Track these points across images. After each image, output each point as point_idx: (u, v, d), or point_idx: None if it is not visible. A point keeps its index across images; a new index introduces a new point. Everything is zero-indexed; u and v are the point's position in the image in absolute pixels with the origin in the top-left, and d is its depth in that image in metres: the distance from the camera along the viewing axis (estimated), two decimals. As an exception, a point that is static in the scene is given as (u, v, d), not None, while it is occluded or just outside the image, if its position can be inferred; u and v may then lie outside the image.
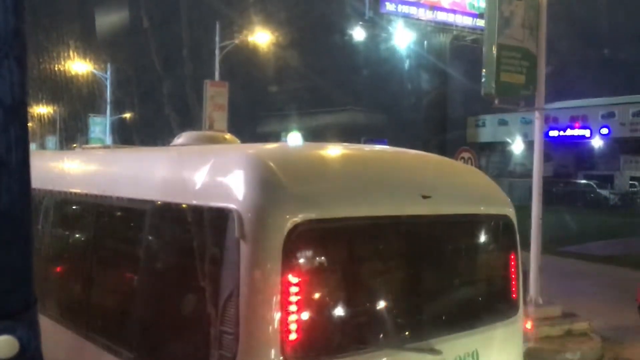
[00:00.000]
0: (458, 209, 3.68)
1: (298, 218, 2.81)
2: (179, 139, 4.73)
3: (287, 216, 2.81)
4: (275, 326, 2.74)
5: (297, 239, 2.77)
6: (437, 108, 32.00)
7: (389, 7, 32.37)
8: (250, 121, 44.88)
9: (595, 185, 35.83)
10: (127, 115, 35.97)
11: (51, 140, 43.25)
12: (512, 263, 4.05)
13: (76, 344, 3.94)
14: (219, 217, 2.93)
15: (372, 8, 31.45)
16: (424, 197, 3.35)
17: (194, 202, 3.20)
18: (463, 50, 35.94)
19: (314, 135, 34.56)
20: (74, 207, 4.68)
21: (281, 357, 2.74)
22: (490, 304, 4.00)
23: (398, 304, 3.34)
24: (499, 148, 38.44)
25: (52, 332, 3.88)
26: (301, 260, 2.81)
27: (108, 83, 30.38)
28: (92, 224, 4.23)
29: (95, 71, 29.93)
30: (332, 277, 3.04)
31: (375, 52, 34.21)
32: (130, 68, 36.38)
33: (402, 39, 32.70)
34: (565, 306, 9.30)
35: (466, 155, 10.36)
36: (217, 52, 19.72)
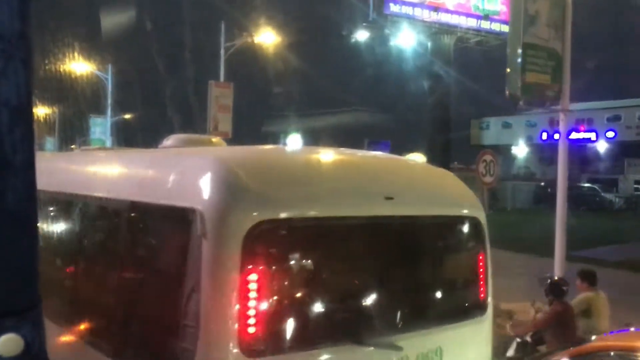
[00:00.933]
0: (423, 211, 3.80)
1: (258, 218, 2.91)
2: (168, 142, 4.84)
3: (248, 216, 2.91)
4: (234, 321, 2.85)
5: (257, 237, 2.87)
6: (441, 110, 31.71)
7: (393, 8, 32.06)
8: (255, 122, 44.65)
9: (599, 189, 35.53)
10: (129, 116, 35.58)
11: (50, 142, 42.80)
12: (481, 264, 4.11)
13: (53, 333, 3.95)
14: (184, 216, 3.06)
15: (376, 9, 31.15)
16: (387, 198, 3.44)
17: (163, 202, 3.35)
18: (468, 52, 35.72)
19: (318, 136, 34.27)
20: (58, 207, 4.79)
21: (239, 350, 2.84)
22: (456, 303, 4.10)
23: (359, 302, 3.42)
24: (503, 151, 38.13)
25: None
26: (260, 258, 2.90)
27: (109, 83, 30.01)
28: (73, 222, 4.45)
29: (96, 72, 29.56)
30: (291, 275, 3.12)
31: (379, 53, 33.95)
32: (133, 69, 36.05)
33: (406, 40, 32.42)
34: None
35: (488, 158, 10.08)
36: (222, 52, 19.40)
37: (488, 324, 4.18)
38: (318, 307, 3.21)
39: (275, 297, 2.97)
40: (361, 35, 32.79)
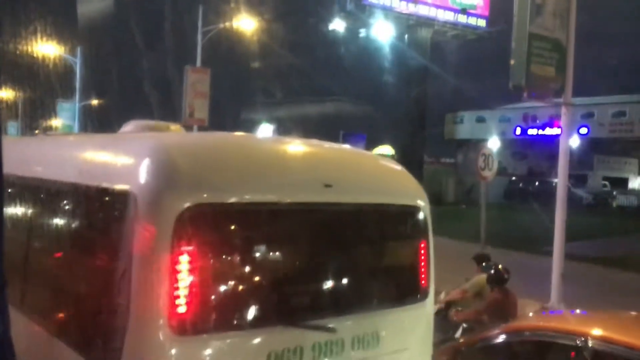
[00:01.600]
0: (363, 199, 3.84)
1: (190, 201, 2.98)
2: (125, 128, 4.90)
3: (180, 199, 2.97)
4: (165, 300, 2.94)
5: (190, 220, 2.95)
6: (417, 103, 31.57)
7: (371, -1, 31.61)
8: (234, 110, 43.85)
9: (569, 185, 35.93)
10: (97, 101, 34.42)
11: (13, 126, 41.33)
12: (422, 252, 4.17)
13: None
14: (120, 199, 3.19)
15: (354, -1, 30.76)
16: (326, 185, 3.52)
17: (102, 184, 3.45)
18: (444, 45, 35.65)
19: (295, 125, 33.72)
20: (11, 190, 4.81)
21: (169, 329, 2.94)
22: (395, 289, 4.13)
23: (293, 285, 3.49)
24: (476, 145, 38.22)
25: None
26: (192, 240, 2.96)
27: (78, 67, 28.94)
28: (23, 204, 4.53)
29: (65, 55, 28.46)
30: (223, 258, 3.21)
31: (357, 44, 33.60)
32: (104, 52, 34.85)
33: (383, 32, 32.13)
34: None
35: (487, 152, 10.04)
36: (199, 37, 18.74)
37: (428, 310, 4.25)
38: (250, 289, 3.27)
39: (206, 279, 3.04)
40: (338, 25, 32.37)
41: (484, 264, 7.45)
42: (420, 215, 4.15)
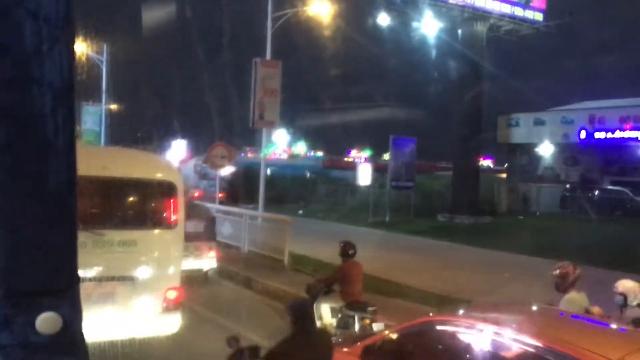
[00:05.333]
0: (128, 174, 7.43)
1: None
2: None
3: None
4: None
5: None
6: (473, 105, 28.87)
7: (422, -9, 28.81)
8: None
9: (629, 192, 33.07)
10: (122, 106, 31.87)
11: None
12: (172, 204, 7.49)
13: None
14: None
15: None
16: (104, 167, 6.91)
17: None
18: (497, 42, 32.97)
19: (346, 131, 31.00)
20: None
21: None
22: (152, 220, 7.58)
23: (89, 213, 6.85)
24: (532, 150, 35.37)
25: None
26: None
27: (104, 67, 26.27)
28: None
29: (91, 53, 25.81)
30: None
31: (408, 42, 30.88)
32: (131, 52, 32.19)
33: (434, 28, 29.46)
34: None
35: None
36: (269, 24, 16.00)
37: (176, 233, 7.54)
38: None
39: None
40: (385, 20, 29.63)
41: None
42: (171, 184, 7.50)
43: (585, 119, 29.30)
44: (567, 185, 34.92)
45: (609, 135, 28.31)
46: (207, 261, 12.88)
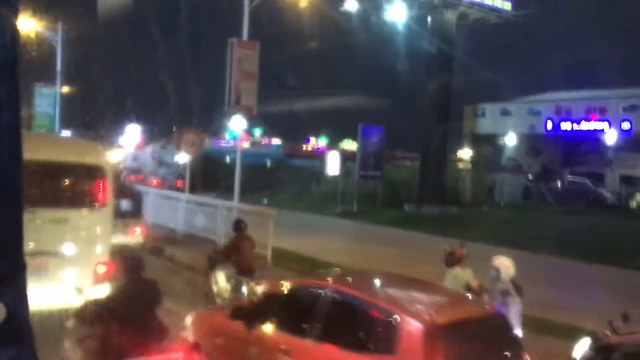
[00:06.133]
0: (62, 158, 8.19)
1: None
2: None
3: None
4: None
5: None
6: (441, 95, 28.56)
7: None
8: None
9: (590, 183, 33.48)
10: (76, 89, 30.25)
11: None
12: (101, 185, 8.23)
13: None
14: None
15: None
16: (37, 151, 7.29)
17: None
18: (465, 31, 32.69)
19: (313, 117, 30.25)
20: None
21: None
22: (82, 201, 8.27)
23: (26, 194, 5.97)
24: (498, 141, 35.32)
25: None
26: None
27: (59, 46, 24.76)
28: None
29: (45, 31, 24.22)
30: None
31: (377, 29, 30.26)
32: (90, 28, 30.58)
33: (402, 15, 28.97)
34: None
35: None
36: (246, 1, 14.97)
37: (104, 212, 8.28)
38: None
39: None
40: (352, 6, 28.96)
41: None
42: (99, 168, 8.28)
43: (551, 110, 29.42)
44: (530, 176, 35.18)
45: (575, 126, 28.47)
46: (134, 237, 13.87)
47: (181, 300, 9.38)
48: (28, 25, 24.75)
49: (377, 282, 6.62)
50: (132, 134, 36.23)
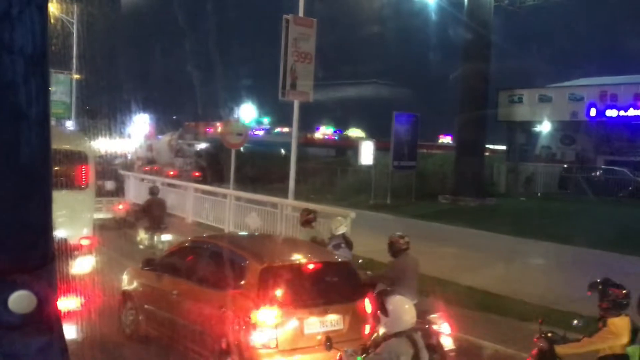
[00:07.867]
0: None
1: None
2: None
3: None
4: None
5: None
6: (478, 79, 26.95)
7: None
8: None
9: (629, 173, 31.90)
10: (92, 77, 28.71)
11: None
12: (83, 170, 9.23)
13: None
14: None
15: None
16: None
17: None
18: (501, 13, 31.05)
19: (347, 107, 28.65)
20: None
21: None
22: (67, 184, 8.94)
23: None
24: (531, 129, 33.65)
25: None
26: None
27: (74, 30, 23.20)
28: None
29: (61, 15, 22.65)
30: None
31: (408, 12, 28.62)
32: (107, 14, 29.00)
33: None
34: None
35: None
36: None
37: (87, 194, 9.36)
38: None
39: None
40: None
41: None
42: (82, 154, 9.26)
43: (595, 96, 27.78)
44: (565, 166, 33.67)
45: (622, 113, 26.87)
46: (118, 212, 16.89)
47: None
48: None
49: (247, 238, 9.78)
50: (141, 123, 34.84)
